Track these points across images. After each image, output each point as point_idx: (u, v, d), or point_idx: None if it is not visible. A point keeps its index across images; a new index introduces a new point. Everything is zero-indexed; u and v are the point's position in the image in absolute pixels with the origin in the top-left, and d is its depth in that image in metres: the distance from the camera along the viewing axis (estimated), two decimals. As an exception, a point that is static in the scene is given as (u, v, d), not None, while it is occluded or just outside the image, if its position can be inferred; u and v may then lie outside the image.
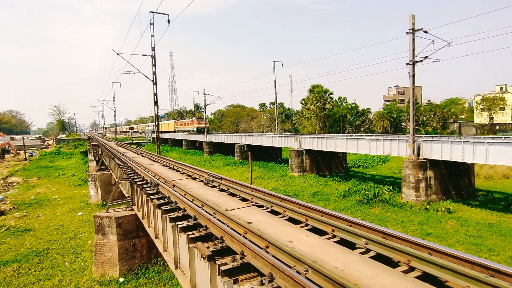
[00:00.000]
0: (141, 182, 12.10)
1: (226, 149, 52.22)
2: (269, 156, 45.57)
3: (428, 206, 20.16)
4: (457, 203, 21.21)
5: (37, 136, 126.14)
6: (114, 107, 67.46)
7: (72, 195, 31.59)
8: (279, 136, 39.09)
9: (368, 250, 4.94)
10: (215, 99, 56.97)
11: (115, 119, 72.36)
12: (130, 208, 15.05)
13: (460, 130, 71.78)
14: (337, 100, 73.37)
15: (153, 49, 25.85)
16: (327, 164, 34.43)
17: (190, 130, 67.94)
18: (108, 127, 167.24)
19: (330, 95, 69.20)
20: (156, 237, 10.51)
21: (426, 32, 20.73)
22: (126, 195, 16.83)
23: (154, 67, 26.17)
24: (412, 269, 4.27)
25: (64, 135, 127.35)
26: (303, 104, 72.97)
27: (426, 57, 21.18)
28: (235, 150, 45.51)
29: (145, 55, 26.58)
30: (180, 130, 75.85)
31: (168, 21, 23.06)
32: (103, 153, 29.68)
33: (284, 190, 25.71)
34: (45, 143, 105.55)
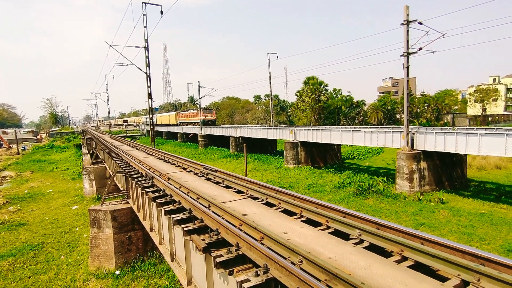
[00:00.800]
0: (136, 175, 12.06)
1: (221, 142, 52.14)
2: (264, 148, 45.63)
3: (421, 196, 20.40)
4: (450, 193, 21.49)
5: (30, 129, 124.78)
6: (108, 99, 66.85)
7: (67, 188, 31.42)
8: (274, 128, 39.11)
9: (361, 241, 5.00)
10: (209, 92, 56.31)
11: (108, 112, 71.79)
12: (125, 201, 15.02)
13: (453, 121, 72.38)
14: (332, 92, 73.47)
15: (146, 40, 25.53)
16: (322, 156, 34.59)
17: (196, 122, 62.20)
18: (102, 120, 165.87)
19: (325, 87, 69.25)
20: (151, 230, 10.53)
21: (420, 23, 20.72)
22: (121, 188, 16.78)
23: (147, 59, 25.89)
24: (404, 258, 4.34)
25: (57, 129, 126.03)
26: (298, 96, 72.95)
27: (420, 49, 21.20)
28: (230, 143, 45.49)
29: (138, 47, 26.28)
30: (183, 122, 70.40)
31: (161, 12, 22.75)
32: (97, 146, 29.48)
33: (279, 182, 25.82)
34: (38, 137, 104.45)
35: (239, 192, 8.81)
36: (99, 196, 24.96)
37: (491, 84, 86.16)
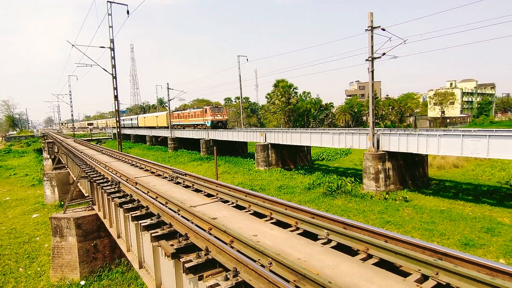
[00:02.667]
0: (102, 181, 11.62)
1: (191, 145, 51.37)
2: (235, 151, 45.53)
3: (387, 195, 21.23)
4: (413, 192, 22.53)
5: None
6: (71, 101, 63.90)
7: (26, 196, 29.59)
8: (244, 130, 39.15)
9: (329, 241, 5.13)
10: (179, 94, 54.22)
11: (72, 115, 68.61)
12: (90, 208, 14.41)
13: (415, 123, 76.11)
14: (301, 94, 74.79)
15: (112, 41, 24.71)
16: (292, 158, 35.07)
17: (199, 124, 49.47)
18: (65, 123, 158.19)
19: (294, 89, 70.34)
20: (118, 236, 10.17)
21: (383, 29, 21.63)
22: (86, 195, 16.08)
23: (113, 60, 25.05)
24: (370, 256, 4.50)
25: (15, 132, 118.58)
26: (268, 98, 73.55)
27: (384, 54, 22.12)
28: (201, 145, 44.97)
29: (103, 47, 25.36)
30: (179, 125, 56.92)
31: (128, 12, 22.13)
32: (60, 150, 28.07)
33: (250, 185, 25.86)
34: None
35: (209, 195, 8.73)
36: (62, 203, 23.73)
37: (448, 88, 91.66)
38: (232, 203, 7.74)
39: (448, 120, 78.63)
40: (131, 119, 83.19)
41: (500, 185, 23.49)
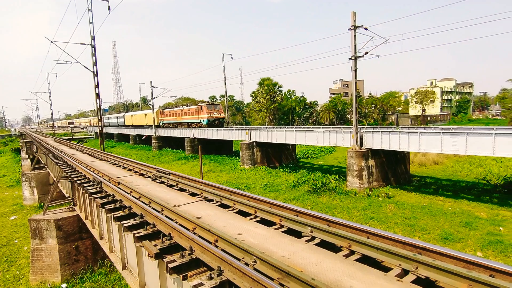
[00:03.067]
0: (83, 181, 11.35)
1: (176, 143, 50.83)
2: (220, 149, 45.33)
3: (370, 192, 21.63)
4: (395, 188, 23.04)
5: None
6: (50, 99, 62.02)
7: (3, 197, 28.61)
8: (230, 129, 39.01)
9: (313, 238, 5.18)
10: (163, 92, 52.97)
11: (51, 113, 66.49)
12: (71, 209, 14.06)
13: (397, 121, 77.74)
14: (286, 93, 75.15)
15: (93, 37, 24.13)
16: (277, 156, 35.23)
17: (193, 123, 46.65)
18: (44, 122, 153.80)
19: (279, 88, 70.61)
20: (101, 238, 9.98)
21: (366, 29, 21.94)
22: (67, 195, 15.68)
23: (94, 57, 24.47)
24: (352, 252, 4.57)
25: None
26: (253, 97, 73.55)
27: (366, 53, 22.46)
28: (185, 144, 44.56)
29: (84, 43, 24.73)
30: (170, 123, 53.80)
31: (109, 8, 21.63)
32: (39, 150, 27.26)
33: (235, 183, 25.83)
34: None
35: (193, 194, 8.67)
36: (42, 204, 23.09)
37: (429, 87, 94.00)
38: (217, 202, 7.71)
39: (428, 118, 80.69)
40: (117, 117, 79.30)
41: (477, 180, 24.30)
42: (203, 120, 43.70)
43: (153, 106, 54.81)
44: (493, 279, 3.27)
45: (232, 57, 45.94)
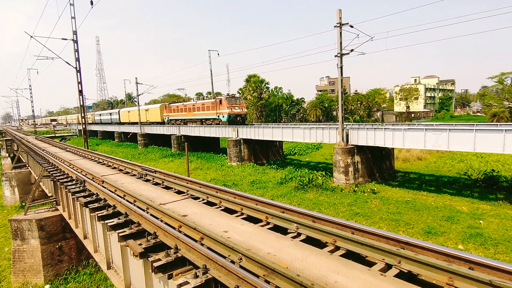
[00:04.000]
0: (66, 180, 11.11)
1: (162, 141, 50.26)
2: (207, 146, 45.07)
3: (356, 188, 21.92)
4: (380, 184, 23.42)
5: None
6: (31, 96, 60.34)
7: (-18, 197, 27.72)
8: (216, 126, 38.81)
9: (299, 234, 5.21)
10: (148, 88, 52.22)
11: (32, 110, 64.70)
12: (54, 209, 13.75)
13: (382, 118, 78.93)
14: (273, 90, 75.13)
15: (75, 32, 23.55)
16: (264, 153, 35.28)
17: (209, 119, 40.41)
18: (25, 119, 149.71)
19: (266, 85, 70.54)
20: (85, 237, 9.79)
21: (351, 26, 22.12)
22: (49, 195, 15.32)
23: (76, 53, 23.90)
24: (337, 248, 4.62)
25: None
26: (240, 93, 73.29)
27: (352, 50, 22.66)
28: (172, 142, 44.12)
29: (66, 39, 24.10)
30: (178, 120, 47.00)
31: (91, 2, 21.12)
32: (19, 148, 26.51)
33: (223, 180, 25.76)
34: None
35: (179, 192, 8.60)
36: (23, 204, 22.48)
37: (413, 84, 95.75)
38: (203, 199, 7.67)
39: (412, 115, 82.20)
40: (111, 113, 72.38)
41: (459, 176, 24.96)
42: (223, 116, 37.58)
43: (138, 103, 53.96)
44: (472, 272, 3.36)
45: (218, 54, 45.63)
